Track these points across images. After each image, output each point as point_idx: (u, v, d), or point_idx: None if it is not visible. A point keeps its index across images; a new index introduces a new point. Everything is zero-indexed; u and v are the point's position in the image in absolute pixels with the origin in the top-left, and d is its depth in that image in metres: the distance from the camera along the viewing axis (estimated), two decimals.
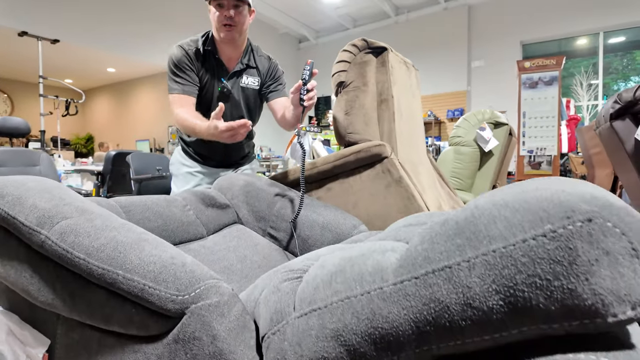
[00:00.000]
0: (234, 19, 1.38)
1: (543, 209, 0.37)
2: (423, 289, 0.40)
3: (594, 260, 0.34)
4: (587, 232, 0.34)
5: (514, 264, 0.36)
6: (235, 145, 1.61)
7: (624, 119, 1.55)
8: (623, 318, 0.33)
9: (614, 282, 0.34)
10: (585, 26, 6.57)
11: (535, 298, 0.35)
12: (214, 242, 1.29)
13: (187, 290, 0.61)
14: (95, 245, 0.67)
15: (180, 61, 1.43)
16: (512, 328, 0.36)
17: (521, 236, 0.37)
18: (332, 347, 0.46)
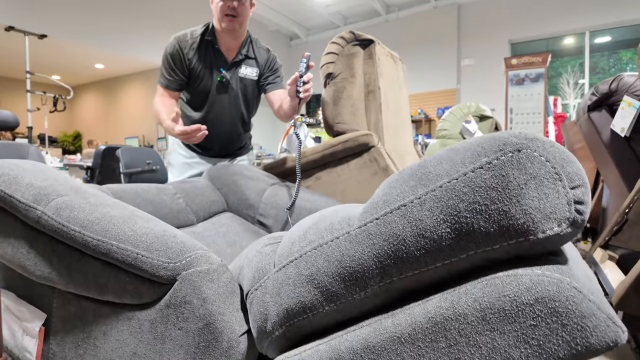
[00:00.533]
0: (236, 9, 1.41)
1: (481, 146, 0.42)
2: (383, 227, 0.45)
3: (523, 184, 0.39)
4: (516, 160, 0.39)
5: (457, 195, 0.41)
6: (231, 136, 1.64)
7: (601, 110, 1.61)
8: (551, 234, 0.38)
9: (541, 202, 0.38)
10: (572, 25, 6.70)
11: (477, 222, 0.40)
12: (204, 228, 1.32)
13: (179, 258, 0.64)
14: (90, 219, 0.70)
15: (172, 57, 1.46)
16: (460, 253, 0.41)
17: (462, 170, 0.42)
18: (307, 291, 0.50)
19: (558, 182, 0.39)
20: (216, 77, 1.52)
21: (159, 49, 6.38)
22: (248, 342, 0.61)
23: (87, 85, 8.95)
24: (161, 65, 1.50)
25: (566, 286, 0.37)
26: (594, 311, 0.37)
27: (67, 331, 0.76)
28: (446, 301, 0.42)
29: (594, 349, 0.36)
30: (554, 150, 0.40)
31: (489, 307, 0.39)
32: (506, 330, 0.38)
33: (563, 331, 0.37)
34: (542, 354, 0.37)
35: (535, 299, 0.38)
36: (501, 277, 0.40)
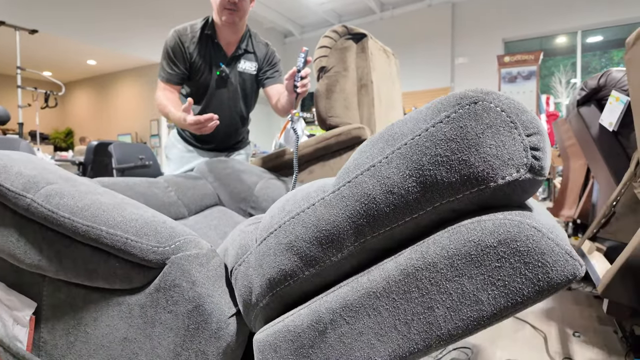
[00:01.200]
0: (237, 4, 1.41)
1: (441, 103, 0.45)
2: (355, 188, 0.47)
3: (480, 134, 0.41)
4: (473, 112, 0.42)
5: (420, 150, 0.43)
6: (230, 130, 1.65)
7: (590, 105, 1.63)
8: (510, 179, 0.40)
9: (499, 150, 0.40)
10: (564, 25, 6.76)
11: (439, 173, 0.42)
12: (195, 221, 1.32)
13: (168, 242, 0.64)
14: (80, 205, 0.70)
15: (173, 50, 1.47)
16: (426, 205, 0.43)
17: (424, 126, 0.44)
18: (287, 258, 0.52)
19: (514, 130, 0.41)
20: (215, 71, 1.52)
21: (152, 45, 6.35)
22: (237, 324, 0.61)
23: (79, 81, 8.86)
24: (162, 59, 1.50)
25: (526, 226, 0.39)
26: (553, 247, 0.38)
27: (57, 319, 0.76)
28: (416, 252, 0.44)
29: (555, 283, 0.38)
30: (508, 101, 0.42)
31: (456, 253, 0.41)
32: (473, 274, 0.40)
33: (526, 269, 0.39)
34: (508, 294, 0.39)
35: (498, 241, 0.40)
36: (466, 224, 0.42)
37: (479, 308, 0.40)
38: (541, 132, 0.42)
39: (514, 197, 0.43)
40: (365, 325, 0.45)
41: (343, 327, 0.47)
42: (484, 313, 0.40)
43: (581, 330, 1.48)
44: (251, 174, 1.50)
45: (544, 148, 0.42)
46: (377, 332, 0.45)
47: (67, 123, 9.34)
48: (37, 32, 5.17)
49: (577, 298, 1.86)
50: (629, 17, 6.24)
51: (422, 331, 0.42)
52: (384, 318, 0.44)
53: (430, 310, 0.42)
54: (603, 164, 1.65)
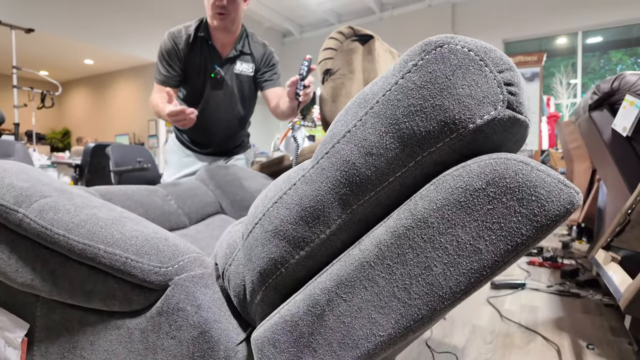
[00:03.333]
0: (227, 7, 1.37)
1: (407, 54, 0.43)
2: (333, 157, 0.45)
3: (450, 75, 0.39)
4: (440, 55, 0.40)
5: (392, 104, 0.42)
6: (228, 133, 1.60)
7: (602, 110, 1.59)
8: (489, 118, 0.38)
9: (472, 89, 0.39)
10: (564, 25, 6.74)
11: (415, 124, 0.40)
12: (197, 230, 1.27)
13: (171, 262, 0.60)
14: (76, 221, 0.66)
15: (167, 52, 1.44)
16: (408, 161, 0.41)
17: (394, 80, 0.42)
18: (275, 245, 0.49)
19: (484, 68, 0.39)
20: (210, 73, 1.48)
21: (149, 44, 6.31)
22: (247, 351, 0.57)
23: (76, 81, 8.78)
24: (157, 62, 1.48)
25: (513, 162, 0.37)
26: (544, 178, 0.36)
27: (51, 341, 0.71)
28: (405, 211, 0.42)
29: (553, 215, 0.36)
30: (474, 41, 0.41)
31: (445, 204, 0.39)
32: (466, 222, 0.38)
33: (520, 206, 0.36)
34: (506, 236, 0.37)
35: (486, 182, 0.38)
36: (451, 172, 0.40)
37: (479, 258, 0.37)
38: (513, 68, 0.41)
39: (498, 140, 0.41)
40: (363, 299, 0.43)
41: (341, 305, 0.44)
42: (485, 262, 0.37)
43: (594, 342, 1.44)
44: (253, 180, 1.45)
45: (518, 83, 0.41)
46: (376, 304, 0.42)
47: (64, 123, 9.26)
48: (33, 31, 5.10)
49: (587, 306, 1.82)
50: (629, 18, 6.23)
51: (423, 294, 0.39)
52: (381, 288, 0.42)
53: (427, 269, 0.39)
54: (615, 170, 1.60)
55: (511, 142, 0.45)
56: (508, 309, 1.79)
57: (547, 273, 2.35)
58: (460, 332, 1.55)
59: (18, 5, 5.19)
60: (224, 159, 1.67)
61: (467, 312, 1.76)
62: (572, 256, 2.73)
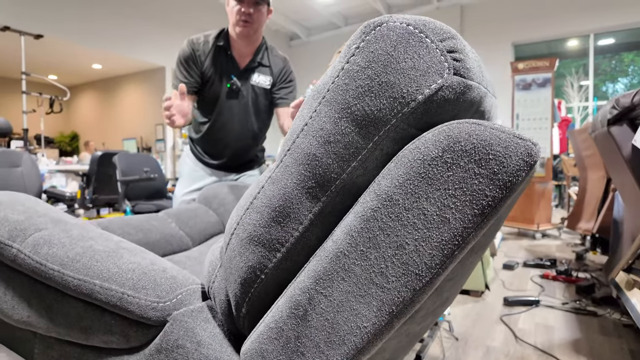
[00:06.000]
0: (252, 16, 1.38)
1: (350, 39, 0.44)
2: (294, 153, 0.45)
3: (392, 51, 0.39)
4: (379, 34, 0.41)
5: (342, 89, 0.42)
6: (240, 145, 1.57)
7: (622, 125, 1.52)
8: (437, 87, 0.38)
9: (415, 61, 0.39)
10: (575, 28, 6.62)
11: (366, 104, 0.40)
12: (200, 252, 1.24)
13: (169, 297, 0.58)
14: (71, 255, 0.65)
15: (185, 58, 1.43)
16: (366, 143, 0.41)
17: (340, 66, 0.43)
18: (251, 252, 0.48)
19: (425, 39, 0.39)
20: (226, 83, 1.47)
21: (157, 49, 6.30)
22: None
23: (84, 85, 8.84)
24: (175, 68, 1.47)
25: (465, 125, 0.37)
26: (499, 135, 0.36)
27: None
28: (370, 194, 0.41)
29: (513, 170, 0.35)
30: (412, 16, 0.41)
31: (406, 178, 0.39)
32: (429, 193, 0.38)
33: (479, 167, 0.36)
34: (471, 200, 0.36)
35: (442, 149, 0.37)
36: (408, 146, 0.40)
37: (448, 227, 0.37)
38: (455, 36, 0.41)
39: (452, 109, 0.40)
40: (343, 291, 0.41)
41: (322, 302, 0.43)
42: (455, 231, 0.36)
43: None
44: None
45: (462, 49, 0.41)
46: (356, 294, 0.41)
47: (72, 126, 9.33)
48: (42, 37, 5.13)
49: (605, 326, 1.75)
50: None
51: (399, 275, 0.38)
52: (358, 276, 0.41)
53: (400, 249, 0.38)
54: (635, 187, 1.54)
55: (470, 112, 0.44)
56: (522, 329, 1.73)
57: (561, 288, 2.28)
58: (473, 354, 1.50)
59: (27, 12, 5.22)
60: (235, 175, 1.64)
61: (480, 331, 1.70)
62: (587, 269, 2.66)
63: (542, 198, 3.81)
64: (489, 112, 0.51)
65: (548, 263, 2.69)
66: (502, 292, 2.20)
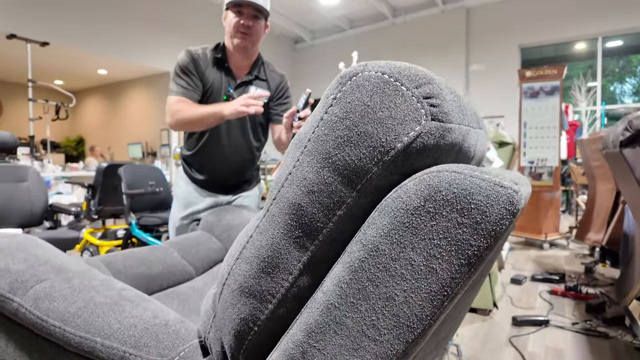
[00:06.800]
0: (250, 28, 1.38)
1: (328, 89, 0.44)
2: (280, 202, 0.45)
3: (368, 102, 0.40)
4: (355, 85, 0.41)
5: (322, 139, 0.42)
6: (237, 160, 1.54)
7: (635, 147, 1.49)
8: (415, 134, 0.38)
9: (392, 110, 0.39)
10: (583, 31, 6.55)
11: (347, 154, 0.41)
12: (204, 282, 1.22)
13: (171, 354, 0.57)
14: (72, 311, 0.64)
15: (186, 66, 1.41)
16: (350, 191, 0.41)
17: (319, 116, 0.43)
18: (243, 303, 0.48)
19: (400, 87, 0.40)
20: (223, 95, 1.45)
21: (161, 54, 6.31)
22: None
23: (89, 89, 8.88)
24: (174, 77, 1.42)
25: (445, 173, 0.37)
26: (479, 184, 0.36)
27: None
28: (357, 244, 0.41)
29: (496, 220, 0.35)
30: (388, 64, 0.42)
31: (391, 228, 0.38)
32: (415, 243, 0.37)
33: (462, 217, 0.36)
34: (457, 250, 0.36)
35: (424, 198, 0.37)
36: (391, 195, 0.40)
37: (436, 278, 0.37)
38: (431, 81, 0.41)
39: (434, 153, 0.41)
40: (336, 344, 0.41)
41: (316, 356, 0.42)
42: (443, 281, 0.36)
43: None
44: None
45: (439, 94, 0.41)
46: (350, 347, 0.40)
47: (77, 131, 9.38)
48: (48, 44, 5.15)
49: (617, 349, 1.71)
50: None
51: (391, 327, 0.38)
52: (350, 329, 0.40)
53: (390, 300, 0.38)
54: None
55: (453, 153, 0.44)
56: (532, 352, 1.70)
57: (570, 305, 2.24)
58: None
59: (33, 20, 5.25)
60: (230, 196, 1.61)
61: (488, 354, 1.68)
62: (597, 283, 2.62)
63: (550, 207, 3.76)
64: (474, 147, 0.52)
65: (557, 277, 2.66)
66: (511, 310, 2.17)
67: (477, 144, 0.54)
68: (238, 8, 1.37)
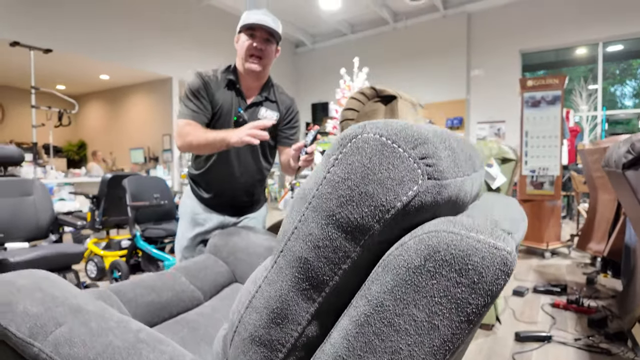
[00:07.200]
0: (263, 51, 1.41)
1: (329, 149, 0.47)
2: (287, 256, 0.47)
3: (367, 163, 0.42)
4: (355, 147, 0.43)
5: (326, 197, 0.44)
6: (246, 180, 1.56)
7: (637, 169, 1.50)
8: (413, 193, 0.41)
9: (390, 172, 0.41)
10: (584, 37, 6.57)
11: (350, 213, 0.43)
12: (213, 307, 1.23)
13: None
14: (91, 356, 0.66)
15: (196, 89, 1.43)
16: (354, 247, 0.43)
17: (322, 175, 0.45)
18: (254, 352, 0.49)
19: (398, 149, 0.42)
20: (233, 116, 1.48)
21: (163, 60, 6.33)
22: None
23: (92, 94, 8.90)
24: (184, 99, 1.44)
25: (443, 234, 0.39)
26: (475, 245, 0.38)
27: None
28: (362, 298, 0.43)
29: (491, 280, 0.37)
30: (386, 125, 0.44)
31: (394, 284, 0.40)
32: (417, 300, 0.39)
33: (460, 277, 0.38)
34: (457, 308, 0.38)
35: (424, 258, 0.39)
36: (392, 252, 0.42)
37: (438, 334, 0.39)
38: (426, 141, 0.43)
39: (432, 207, 0.43)
40: None
41: None
42: (445, 337, 0.38)
43: None
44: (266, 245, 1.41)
45: (434, 153, 0.43)
46: None
47: (79, 135, 9.40)
48: (51, 51, 5.17)
49: None
50: None
51: None
52: None
53: (396, 353, 0.40)
54: None
55: (450, 204, 0.46)
56: None
57: (573, 319, 2.26)
58: None
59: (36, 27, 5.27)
60: (235, 218, 1.62)
61: None
62: (599, 295, 2.63)
63: (551, 216, 3.78)
64: (470, 192, 0.55)
65: (558, 289, 2.67)
66: (513, 325, 2.19)
67: (474, 187, 0.57)
68: (251, 31, 1.40)
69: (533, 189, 3.77)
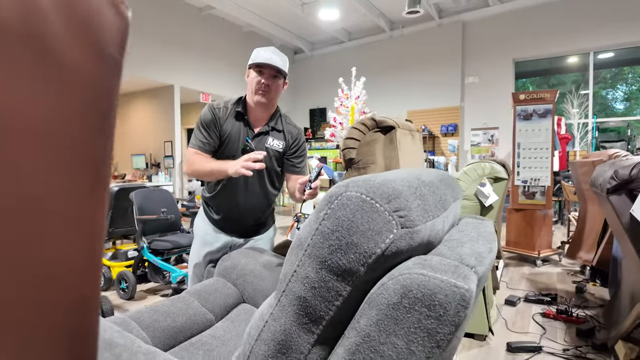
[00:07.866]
0: (270, 86, 1.52)
1: (320, 204, 0.56)
2: (289, 295, 0.57)
3: (351, 218, 0.51)
4: (341, 204, 0.53)
5: (318, 246, 0.54)
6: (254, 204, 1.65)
7: (621, 194, 1.62)
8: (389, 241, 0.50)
9: (370, 224, 0.51)
10: (575, 46, 6.72)
11: (339, 259, 0.52)
12: (224, 329, 1.32)
13: None
14: None
15: (207, 122, 1.54)
16: (344, 286, 0.52)
17: (315, 227, 0.55)
18: None
19: (375, 205, 0.51)
20: (241, 144, 1.57)
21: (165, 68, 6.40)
22: None
23: None
24: (195, 128, 1.58)
25: (414, 275, 0.49)
26: (439, 285, 0.47)
27: None
28: (352, 330, 0.52)
29: (453, 313, 0.46)
30: (366, 184, 0.53)
31: (378, 318, 0.49)
32: (397, 331, 0.48)
33: (430, 311, 0.47)
34: (429, 337, 0.47)
35: (400, 295, 0.48)
36: (375, 290, 0.51)
37: (416, 358, 0.47)
38: (399, 195, 0.53)
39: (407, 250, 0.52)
40: None
41: None
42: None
43: None
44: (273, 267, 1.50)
45: (405, 205, 0.52)
46: None
47: None
48: None
49: None
50: None
51: None
52: None
53: None
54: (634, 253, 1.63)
55: (423, 245, 0.56)
56: None
57: (562, 330, 2.37)
58: None
59: None
60: (243, 240, 1.71)
61: None
62: (587, 304, 2.75)
63: (543, 224, 3.90)
64: (442, 230, 0.66)
65: (549, 299, 2.79)
66: (505, 334, 2.30)
67: (445, 223, 0.69)
68: (260, 68, 1.51)
69: (525, 198, 3.89)
